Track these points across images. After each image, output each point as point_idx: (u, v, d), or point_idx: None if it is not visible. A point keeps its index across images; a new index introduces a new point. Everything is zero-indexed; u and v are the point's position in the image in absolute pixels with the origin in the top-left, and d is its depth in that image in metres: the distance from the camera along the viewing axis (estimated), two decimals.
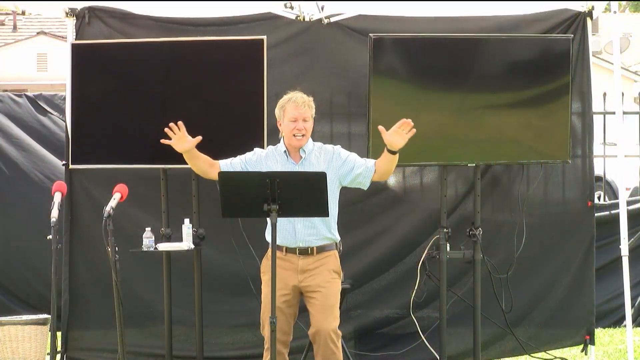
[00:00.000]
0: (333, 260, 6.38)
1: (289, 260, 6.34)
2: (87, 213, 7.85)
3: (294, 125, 6.32)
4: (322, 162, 6.37)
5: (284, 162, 6.38)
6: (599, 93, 9.54)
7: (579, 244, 7.92)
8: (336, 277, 6.37)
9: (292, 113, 6.33)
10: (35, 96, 9.84)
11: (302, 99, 6.37)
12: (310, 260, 6.32)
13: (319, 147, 6.45)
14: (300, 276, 6.32)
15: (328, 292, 6.29)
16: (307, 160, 6.37)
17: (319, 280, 6.29)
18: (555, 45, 7.44)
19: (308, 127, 6.34)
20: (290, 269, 6.32)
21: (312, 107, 6.39)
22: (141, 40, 7.61)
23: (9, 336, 7.60)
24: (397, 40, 7.41)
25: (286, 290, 6.30)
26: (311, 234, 6.31)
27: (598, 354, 8.32)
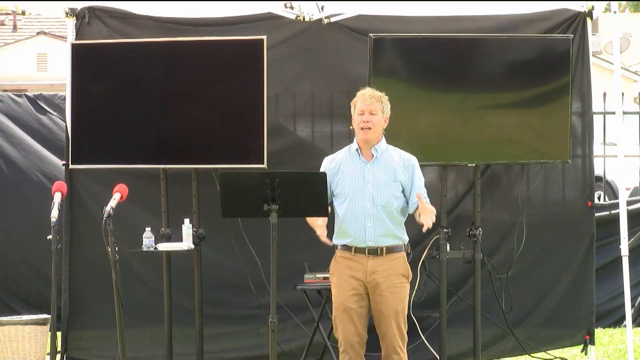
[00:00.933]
0: (402, 263, 6.32)
1: (358, 260, 6.27)
2: (87, 213, 7.85)
3: (361, 118, 6.29)
4: (395, 164, 6.31)
5: (356, 160, 6.34)
6: (599, 93, 9.54)
7: (579, 244, 7.92)
8: (405, 281, 6.32)
9: (360, 106, 6.32)
10: (35, 96, 9.84)
11: (371, 92, 6.35)
12: (379, 262, 6.25)
13: (393, 149, 6.40)
14: (369, 277, 6.24)
15: (395, 296, 6.24)
16: (379, 159, 6.31)
17: (387, 283, 6.23)
18: (555, 45, 7.44)
19: (375, 121, 6.27)
20: (358, 269, 6.26)
21: (382, 102, 6.32)
22: (141, 40, 7.61)
23: (9, 336, 7.60)
24: (397, 40, 7.41)
25: (356, 290, 6.25)
26: (380, 233, 6.24)
27: (598, 354, 8.32)
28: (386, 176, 6.28)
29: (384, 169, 6.29)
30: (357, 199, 6.26)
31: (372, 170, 6.30)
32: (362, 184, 6.27)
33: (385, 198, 6.24)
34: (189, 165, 7.48)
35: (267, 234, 6.39)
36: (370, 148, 6.32)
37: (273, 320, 6.15)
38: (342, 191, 6.31)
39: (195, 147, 7.42)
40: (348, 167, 6.35)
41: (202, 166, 7.45)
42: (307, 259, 7.67)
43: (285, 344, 7.76)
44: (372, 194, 6.24)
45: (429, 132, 7.31)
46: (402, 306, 6.28)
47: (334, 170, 6.40)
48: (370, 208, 6.23)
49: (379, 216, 6.23)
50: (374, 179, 6.27)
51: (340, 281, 6.31)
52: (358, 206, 6.25)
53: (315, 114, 7.97)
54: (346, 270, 6.27)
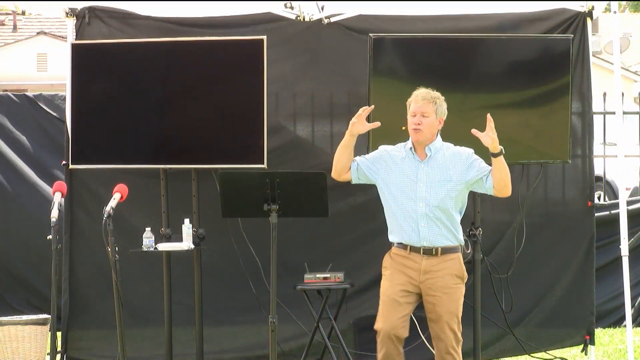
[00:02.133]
0: (457, 265, 6.25)
1: (413, 259, 6.21)
2: (87, 213, 7.85)
3: (413, 119, 6.23)
4: (448, 162, 6.24)
5: (410, 158, 6.26)
6: (599, 93, 9.54)
7: (579, 244, 7.92)
8: (459, 282, 6.24)
9: (412, 107, 6.25)
10: (35, 96, 9.83)
11: (424, 94, 6.26)
12: (434, 262, 6.18)
13: (447, 147, 6.32)
14: (423, 276, 6.18)
15: (450, 298, 6.17)
16: (433, 159, 6.24)
17: (441, 283, 6.17)
18: (555, 45, 7.44)
19: (426, 122, 6.19)
20: (413, 268, 6.20)
21: (435, 103, 6.23)
22: (141, 40, 7.61)
23: (9, 336, 7.59)
24: (397, 40, 7.41)
25: (405, 286, 6.18)
26: (435, 233, 6.18)
27: (598, 354, 8.32)
28: (440, 175, 6.19)
29: (438, 168, 6.21)
30: (410, 198, 6.18)
31: (425, 169, 6.22)
32: (414, 183, 6.19)
33: (438, 198, 6.15)
34: (189, 165, 7.48)
35: (267, 234, 6.40)
36: (424, 147, 6.24)
37: (273, 320, 6.16)
38: (394, 189, 6.23)
39: (195, 147, 7.42)
40: (402, 164, 6.26)
41: (202, 166, 7.45)
42: (307, 259, 7.67)
43: (285, 344, 7.76)
44: (425, 193, 6.16)
45: None
46: (457, 307, 6.21)
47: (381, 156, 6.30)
48: (424, 208, 6.15)
49: (433, 216, 6.16)
50: (427, 178, 6.19)
51: (393, 275, 6.23)
52: (411, 205, 6.17)
53: (315, 114, 7.96)
54: (400, 267, 6.19)
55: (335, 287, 7.45)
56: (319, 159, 7.93)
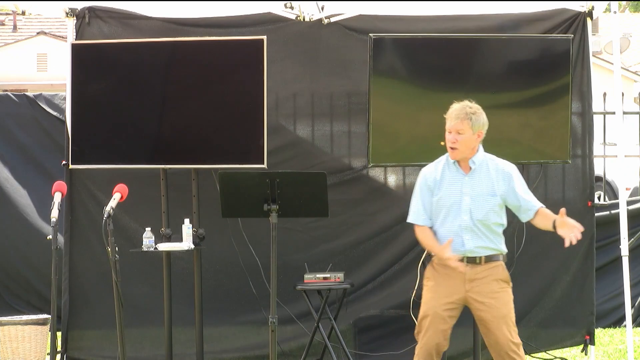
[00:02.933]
0: (501, 270, 6.17)
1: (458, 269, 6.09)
2: (87, 213, 7.86)
3: (448, 137, 6.13)
4: (492, 176, 6.13)
5: (454, 171, 6.15)
6: (599, 93, 9.54)
7: (579, 243, 7.83)
8: (506, 286, 6.16)
9: (447, 124, 6.15)
10: (35, 96, 9.83)
11: (457, 112, 6.13)
12: (478, 270, 6.10)
13: (491, 159, 6.21)
14: (468, 285, 6.10)
15: (498, 302, 6.09)
16: (477, 172, 6.13)
17: (487, 289, 6.10)
18: (555, 45, 7.44)
19: (461, 140, 6.06)
20: (457, 278, 6.10)
21: (470, 119, 6.09)
22: (141, 41, 7.61)
23: (9, 336, 7.60)
24: (397, 40, 7.41)
25: (451, 299, 6.11)
26: (478, 245, 6.09)
27: (598, 354, 8.32)
28: (484, 189, 6.10)
29: (482, 182, 6.12)
30: (455, 212, 6.09)
31: (470, 182, 6.12)
32: (459, 196, 6.10)
33: (482, 212, 6.07)
34: (189, 165, 7.48)
35: (267, 234, 6.40)
36: (468, 160, 6.14)
37: (273, 320, 6.16)
38: (441, 202, 6.14)
39: (195, 147, 7.42)
40: (446, 178, 6.17)
41: (202, 166, 7.45)
42: (307, 259, 7.68)
43: (285, 344, 7.77)
44: (469, 207, 6.08)
45: (429, 132, 7.30)
46: (508, 310, 6.11)
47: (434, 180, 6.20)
48: (468, 221, 6.07)
49: (477, 230, 6.08)
50: (471, 192, 6.10)
51: (437, 287, 6.15)
52: (456, 219, 6.09)
53: (315, 114, 7.97)
54: (444, 278, 6.11)
55: (335, 287, 7.45)
56: (319, 159, 7.93)
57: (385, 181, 8.03)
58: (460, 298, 6.12)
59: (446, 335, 6.14)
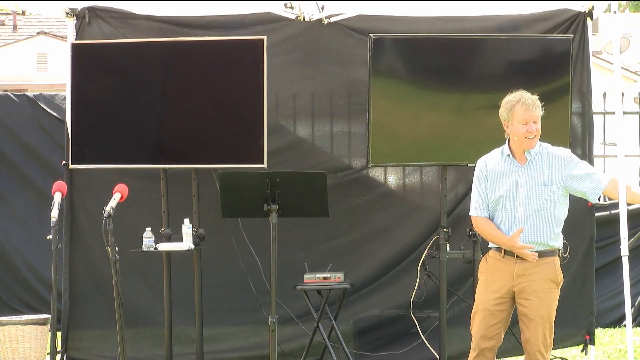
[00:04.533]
0: (552, 269, 6.11)
1: (506, 263, 6.06)
2: (87, 213, 7.86)
3: (526, 127, 6.01)
4: (547, 165, 6.05)
5: (510, 164, 6.08)
6: (599, 93, 9.54)
7: (579, 244, 7.91)
8: (553, 287, 6.11)
9: (523, 115, 6.01)
10: (35, 96, 9.83)
11: (532, 100, 6.06)
12: (527, 265, 6.03)
13: (545, 148, 6.13)
14: (516, 280, 6.04)
15: (541, 302, 6.05)
16: (533, 163, 6.06)
17: (534, 287, 6.03)
18: (555, 46, 7.44)
19: (538, 129, 6.03)
20: (506, 272, 6.06)
21: (540, 108, 6.06)
22: (141, 40, 7.61)
23: (9, 336, 7.60)
24: (397, 40, 7.41)
25: (499, 293, 6.07)
26: (531, 239, 6.01)
27: (598, 354, 8.32)
28: (541, 179, 6.02)
29: (538, 172, 6.04)
30: (510, 204, 6.04)
31: (526, 174, 6.05)
32: (515, 188, 6.03)
33: (538, 202, 5.99)
34: (189, 165, 7.48)
35: (267, 234, 6.41)
36: (524, 152, 6.08)
37: (273, 320, 6.17)
38: (497, 195, 6.08)
39: (195, 147, 7.42)
40: (502, 171, 6.11)
41: (202, 166, 7.45)
42: (307, 259, 7.68)
43: (285, 344, 7.77)
44: (524, 198, 6.01)
45: (429, 132, 7.31)
46: (549, 311, 6.08)
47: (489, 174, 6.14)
48: (522, 213, 6.01)
49: (531, 221, 6.02)
50: (527, 183, 6.02)
51: (488, 282, 6.13)
52: (511, 211, 6.04)
53: (315, 114, 7.97)
54: (495, 272, 6.08)
55: (335, 287, 7.45)
56: (319, 159, 7.93)
57: (385, 181, 8.03)
58: (508, 291, 6.07)
59: (497, 329, 6.10)
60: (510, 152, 6.10)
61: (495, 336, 6.11)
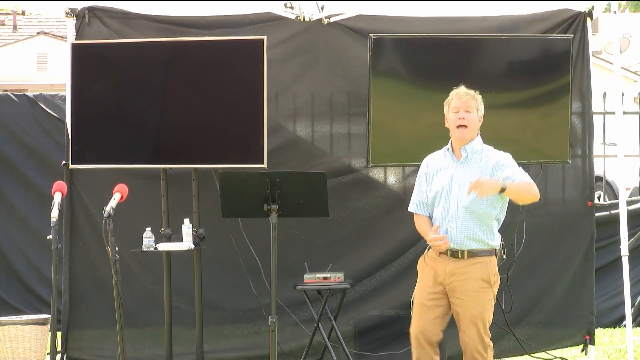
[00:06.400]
0: (485, 268, 6.08)
1: (440, 262, 6.10)
2: (87, 213, 7.86)
3: (457, 115, 6.10)
4: (482, 164, 6.09)
5: (449, 159, 6.14)
6: (599, 93, 9.55)
7: (579, 244, 7.92)
8: (486, 286, 6.08)
9: (455, 104, 6.12)
10: (35, 96, 9.83)
11: (466, 90, 6.16)
12: (459, 264, 6.05)
13: (487, 149, 6.17)
14: (448, 278, 6.07)
15: (473, 301, 6.04)
16: (469, 160, 6.10)
17: (465, 287, 6.04)
18: (555, 45, 7.44)
19: (470, 118, 6.07)
20: (440, 270, 6.09)
21: (476, 100, 6.13)
22: (141, 40, 7.61)
23: (9, 336, 7.60)
24: (397, 40, 7.41)
25: (434, 289, 6.10)
26: (463, 236, 6.03)
27: (598, 354, 8.32)
28: (473, 176, 6.01)
29: (473, 169, 6.07)
30: (444, 200, 6.07)
31: (460, 169, 6.09)
32: (450, 183, 6.07)
33: (468, 199, 5.99)
34: (189, 165, 7.48)
35: (267, 234, 6.40)
36: (461, 148, 6.12)
37: (273, 320, 6.16)
38: (435, 191, 6.12)
39: (195, 147, 7.42)
40: (441, 166, 6.16)
41: (202, 166, 7.45)
42: (307, 259, 7.68)
43: (285, 344, 7.76)
44: (457, 194, 6.04)
45: (429, 132, 7.30)
46: (481, 311, 6.06)
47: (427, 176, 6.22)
48: (455, 209, 6.04)
49: (463, 218, 6.03)
50: (461, 179, 6.05)
51: (422, 279, 6.19)
52: (444, 207, 6.07)
53: (315, 114, 7.97)
54: (430, 270, 6.12)
55: (335, 287, 7.45)
56: (319, 159, 7.93)
57: (385, 181, 8.03)
58: (442, 289, 6.12)
59: (435, 324, 6.12)
60: (451, 147, 6.17)
61: (433, 331, 6.12)
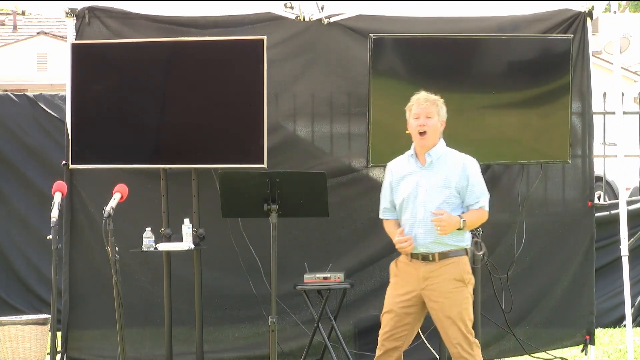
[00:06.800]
0: (457, 268, 6.10)
1: (413, 266, 6.11)
2: (87, 213, 7.86)
3: (417, 122, 6.12)
4: (449, 168, 6.12)
5: (412, 165, 6.17)
6: (599, 93, 9.55)
7: (579, 244, 7.92)
8: (461, 285, 6.09)
9: (415, 110, 6.14)
10: (35, 96, 9.83)
11: (426, 96, 6.18)
12: (432, 267, 6.07)
13: (451, 152, 6.20)
14: (422, 283, 6.08)
15: (451, 302, 6.04)
16: (434, 164, 6.12)
17: (440, 289, 6.06)
18: (555, 45, 7.44)
19: (431, 124, 6.09)
20: (414, 275, 6.11)
21: (437, 105, 6.16)
22: (141, 40, 7.61)
23: (9, 336, 7.60)
24: (397, 40, 7.41)
25: (408, 296, 6.12)
26: (431, 240, 6.06)
27: (598, 354, 8.32)
28: (440, 181, 6.06)
29: (438, 174, 6.09)
30: (411, 205, 6.10)
31: (426, 175, 6.11)
32: (416, 189, 6.10)
33: (435, 204, 6.03)
34: (189, 165, 7.48)
35: (267, 234, 6.40)
36: (425, 153, 6.13)
37: (273, 320, 6.16)
38: (402, 197, 6.15)
39: (195, 147, 7.42)
40: (406, 172, 6.18)
41: (202, 166, 7.45)
42: (307, 259, 7.67)
43: (285, 344, 7.76)
44: (423, 199, 6.06)
45: None
46: (459, 310, 6.05)
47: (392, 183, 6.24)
48: (422, 214, 6.06)
49: (430, 223, 6.04)
50: (427, 184, 6.08)
51: (397, 284, 6.19)
52: (411, 212, 6.09)
53: (315, 114, 7.97)
54: (404, 276, 6.13)
55: (335, 287, 7.45)
56: (319, 159, 7.93)
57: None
58: (416, 295, 6.12)
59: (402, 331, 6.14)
60: (415, 153, 6.18)
61: (401, 337, 6.15)
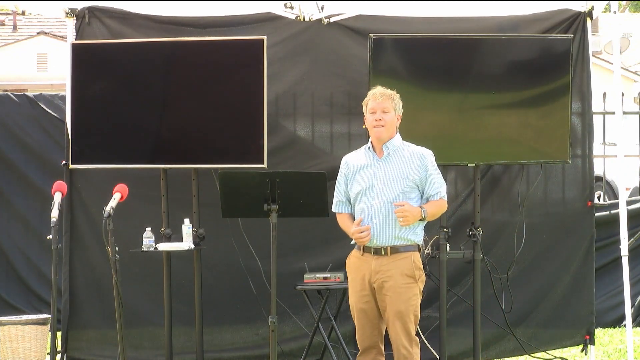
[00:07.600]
0: (409, 264, 6.15)
1: (365, 260, 6.18)
2: (87, 213, 7.86)
3: (373, 117, 6.22)
4: (406, 159, 6.21)
5: (371, 157, 6.25)
6: (599, 93, 9.55)
7: (579, 244, 7.92)
8: (411, 281, 6.14)
9: (372, 105, 6.25)
10: (35, 96, 9.83)
11: (382, 91, 6.28)
12: (383, 261, 6.13)
13: (407, 145, 6.30)
14: (374, 276, 6.14)
15: (399, 297, 6.10)
16: (391, 157, 6.22)
17: (390, 283, 6.11)
18: (555, 46, 7.44)
19: (387, 119, 6.20)
20: (365, 269, 6.17)
21: (393, 100, 6.27)
22: (141, 41, 7.61)
23: (9, 336, 7.60)
24: (397, 40, 7.41)
25: (364, 291, 6.18)
26: (386, 232, 6.11)
27: (598, 354, 8.32)
28: (397, 172, 6.17)
29: (395, 166, 6.19)
30: (367, 197, 6.17)
31: (383, 167, 6.20)
32: (372, 181, 6.18)
33: (392, 194, 6.12)
34: (189, 165, 7.48)
35: (267, 234, 6.40)
36: (382, 145, 6.24)
37: (273, 320, 6.16)
38: (355, 189, 6.23)
39: (195, 147, 7.42)
40: (362, 165, 6.26)
41: (202, 166, 7.45)
42: (306, 259, 7.67)
43: (285, 344, 7.77)
44: (380, 190, 6.14)
45: (429, 132, 7.31)
46: (407, 307, 6.12)
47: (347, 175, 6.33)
48: (378, 205, 6.12)
49: (386, 214, 6.12)
50: (384, 176, 6.17)
51: (352, 281, 6.26)
52: (367, 204, 6.16)
53: (315, 114, 7.97)
54: (357, 271, 6.20)
55: (335, 287, 7.45)
56: (319, 159, 7.93)
57: None
58: (371, 289, 6.18)
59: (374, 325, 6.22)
60: (372, 146, 6.28)
61: (374, 332, 6.21)
